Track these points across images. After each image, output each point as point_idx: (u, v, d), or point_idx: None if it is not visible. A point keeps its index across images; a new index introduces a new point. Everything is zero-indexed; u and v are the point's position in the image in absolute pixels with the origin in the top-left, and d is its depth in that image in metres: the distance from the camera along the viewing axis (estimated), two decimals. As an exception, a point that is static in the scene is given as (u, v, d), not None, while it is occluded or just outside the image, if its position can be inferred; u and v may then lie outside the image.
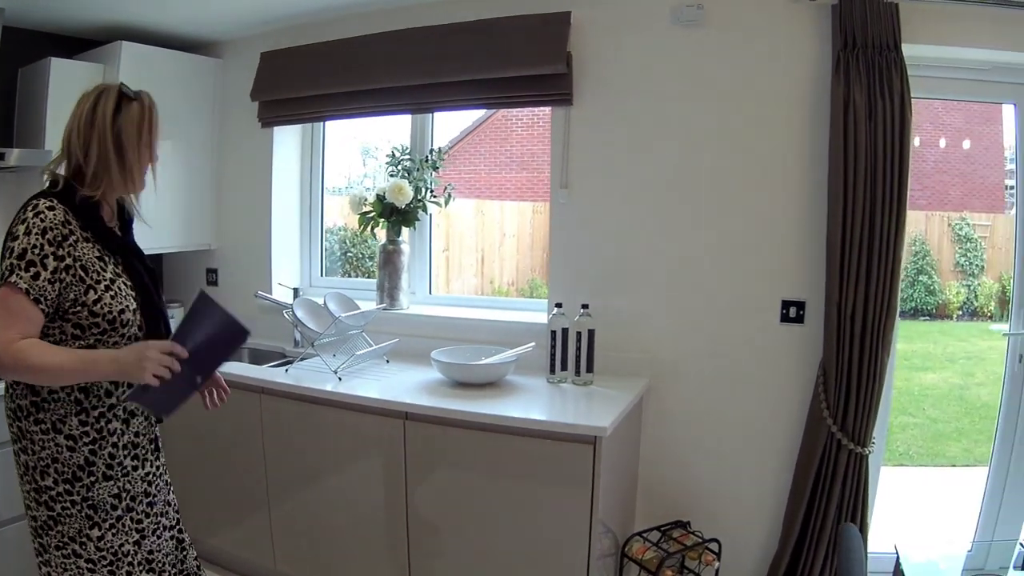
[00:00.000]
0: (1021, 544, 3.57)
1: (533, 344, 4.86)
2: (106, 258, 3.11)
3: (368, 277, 6.19)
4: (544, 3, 4.88)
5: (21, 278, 2.84)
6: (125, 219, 3.38)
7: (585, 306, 4.76)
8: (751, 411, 4.83)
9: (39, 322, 2.91)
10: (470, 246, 9.81)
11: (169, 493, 3.48)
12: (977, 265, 16.10)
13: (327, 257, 6.57)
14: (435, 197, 5.63)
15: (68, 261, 2.94)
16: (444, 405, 4.31)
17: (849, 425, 4.44)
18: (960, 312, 16.25)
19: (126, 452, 3.19)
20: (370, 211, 5.60)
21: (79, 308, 2.99)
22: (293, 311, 5.16)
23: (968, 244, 16.30)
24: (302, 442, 4.79)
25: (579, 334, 4.71)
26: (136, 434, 3.24)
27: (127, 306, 3.08)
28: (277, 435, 4.87)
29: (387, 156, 5.69)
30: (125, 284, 3.14)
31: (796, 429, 4.69)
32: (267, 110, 5.89)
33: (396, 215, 5.52)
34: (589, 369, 4.72)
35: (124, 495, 3.19)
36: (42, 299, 2.87)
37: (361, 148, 6.93)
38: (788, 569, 4.68)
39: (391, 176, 5.61)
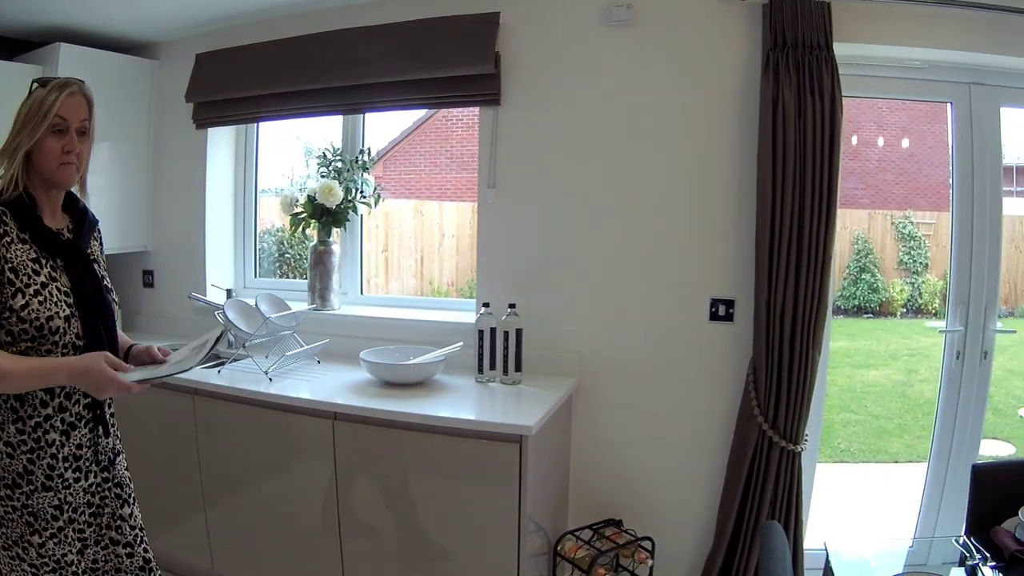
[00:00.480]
0: (956, 541, 3.57)
1: (461, 344, 4.87)
2: (43, 261, 2.99)
3: (304, 278, 6.18)
4: (474, 4, 4.89)
5: None
6: (86, 221, 3.28)
7: (512, 305, 4.78)
8: (682, 410, 4.86)
9: None
10: (409, 247, 9.80)
11: (123, 507, 3.32)
12: (921, 263, 16.29)
13: (266, 258, 6.56)
14: (365, 198, 5.63)
15: (2, 264, 2.85)
16: (371, 405, 4.32)
17: (780, 423, 4.47)
18: (904, 309, 16.44)
19: (67, 464, 3.06)
20: (301, 212, 5.60)
21: (8, 314, 2.87)
22: (224, 312, 5.12)
23: (912, 242, 16.48)
24: (236, 443, 4.78)
25: (506, 333, 4.72)
26: (78, 446, 3.09)
27: (56, 313, 2.94)
28: (210, 436, 4.85)
29: (317, 157, 5.71)
30: (59, 289, 3.00)
31: (728, 427, 4.72)
32: (201, 111, 5.87)
33: (326, 216, 5.53)
34: (517, 368, 4.73)
35: (66, 507, 3.07)
36: None
37: (304, 148, 6.91)
38: (723, 566, 4.71)
39: (322, 177, 5.61)
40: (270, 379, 4.80)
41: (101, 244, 3.47)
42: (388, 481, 4.37)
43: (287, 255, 7.42)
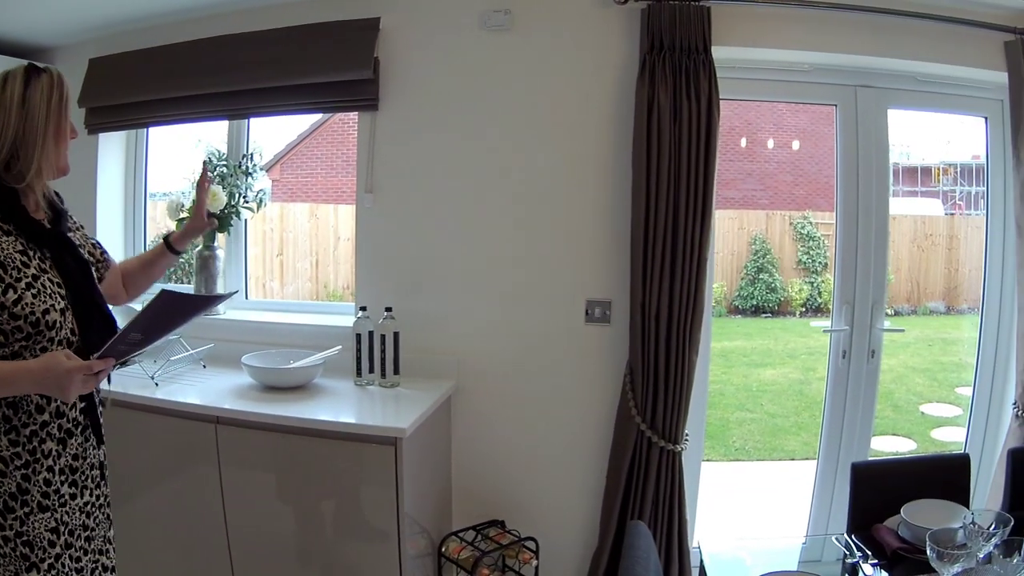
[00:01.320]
0: (837, 539, 3.63)
1: (340, 347, 4.89)
2: (31, 252, 2.80)
3: (191, 282, 6.17)
4: (355, 10, 4.93)
5: None
6: (57, 210, 3.10)
7: (388, 309, 4.82)
8: (561, 411, 4.94)
9: None
10: (304, 250, 9.81)
11: (110, 529, 3.21)
12: (820, 263, 16.51)
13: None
14: (248, 203, 5.64)
15: None
16: (252, 409, 4.34)
17: (659, 423, 4.55)
18: (804, 309, 16.65)
19: (63, 478, 2.87)
20: (186, 216, 5.53)
21: None
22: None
23: (811, 242, 16.68)
24: (123, 448, 4.56)
25: (383, 337, 4.77)
26: (74, 456, 2.91)
27: (52, 305, 2.75)
28: None
29: (203, 162, 5.63)
30: (51, 281, 2.82)
31: (608, 427, 4.78)
32: (93, 116, 5.82)
33: None
34: (395, 371, 4.77)
35: (62, 528, 2.87)
36: None
37: (207, 151, 6.90)
38: (608, 565, 4.76)
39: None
40: (156, 384, 4.79)
41: (82, 229, 3.32)
42: (272, 485, 4.39)
43: (181, 260, 7.41)
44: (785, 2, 4.49)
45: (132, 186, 6.23)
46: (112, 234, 6.07)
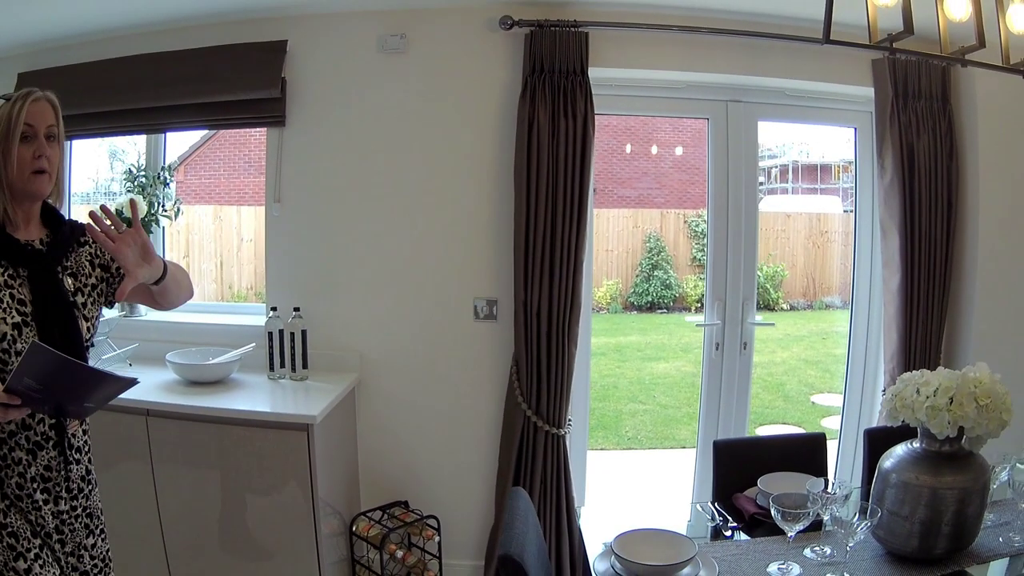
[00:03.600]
0: (701, 506, 3.95)
1: (253, 344, 5.18)
2: (0, 268, 2.80)
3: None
4: (264, 33, 5.19)
5: None
6: (61, 231, 3.02)
7: (296, 309, 5.13)
8: (455, 400, 5.32)
9: None
10: (209, 252, 9.95)
11: (88, 537, 3.13)
12: (714, 259, 16.70)
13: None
14: (166, 212, 5.87)
15: None
16: (179, 401, 4.62)
17: (544, 410, 4.96)
18: (699, 304, 16.52)
19: (35, 485, 2.87)
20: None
21: None
22: None
23: (705, 239, 16.42)
24: None
25: (292, 335, 5.08)
26: (47, 468, 2.89)
27: (2, 319, 2.73)
28: None
29: (123, 173, 5.93)
30: (12, 297, 2.79)
31: (498, 415, 5.19)
32: None
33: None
34: (304, 366, 5.09)
35: (38, 529, 2.90)
36: None
37: (109, 151, 7.10)
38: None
39: (128, 191, 5.84)
40: None
41: (93, 251, 3.16)
42: (200, 473, 4.64)
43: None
44: (657, 27, 4.89)
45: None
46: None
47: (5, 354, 2.74)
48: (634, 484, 8.76)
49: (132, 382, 2.88)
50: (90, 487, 3.15)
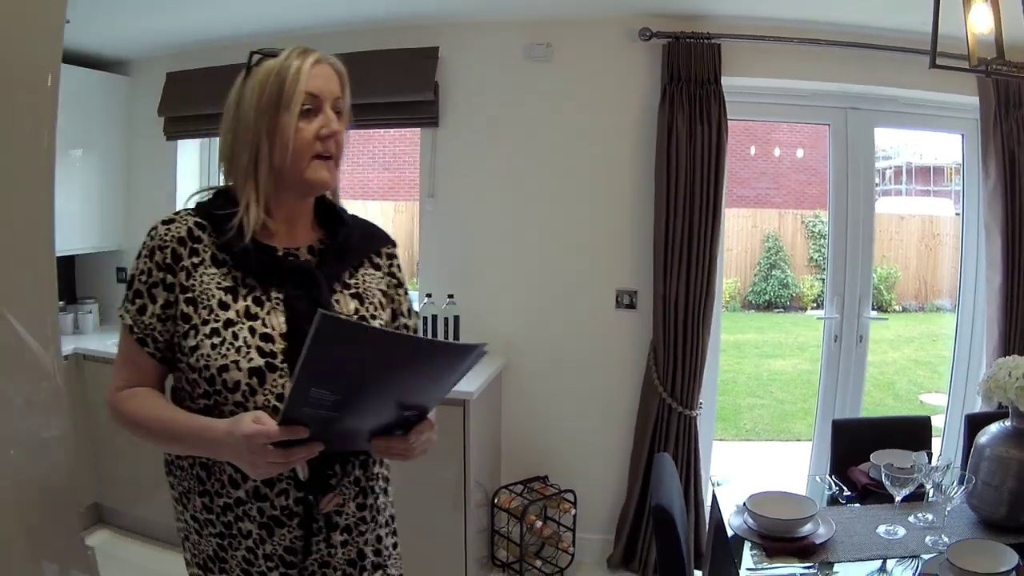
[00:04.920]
0: (820, 478, 4.24)
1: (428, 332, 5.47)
2: (241, 291, 2.17)
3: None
4: (417, 40, 5.54)
5: (128, 311, 2.18)
6: (344, 238, 2.38)
7: (451, 296, 5.51)
8: (594, 383, 5.62)
9: (151, 368, 2.21)
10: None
11: None
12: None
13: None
14: None
15: (177, 291, 2.14)
16: None
17: (677, 392, 5.29)
18: (815, 304, 16.81)
19: (271, 565, 2.20)
20: None
21: (181, 357, 2.17)
22: None
23: (822, 240, 16.48)
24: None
25: (447, 319, 5.46)
26: (288, 550, 2.20)
27: (235, 363, 2.09)
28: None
29: None
30: (253, 332, 2.13)
31: (634, 397, 5.48)
32: (171, 125, 6.37)
33: None
34: (457, 348, 5.41)
35: None
36: (148, 339, 2.17)
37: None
38: (635, 515, 5.47)
39: None
40: None
41: (389, 272, 2.51)
42: None
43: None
44: (783, 39, 5.19)
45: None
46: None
47: (240, 408, 2.08)
48: (754, 468, 9.03)
49: (478, 350, 2.00)
50: (365, 573, 2.37)
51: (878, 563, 3.21)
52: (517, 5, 5.30)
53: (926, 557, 3.17)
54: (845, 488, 4.03)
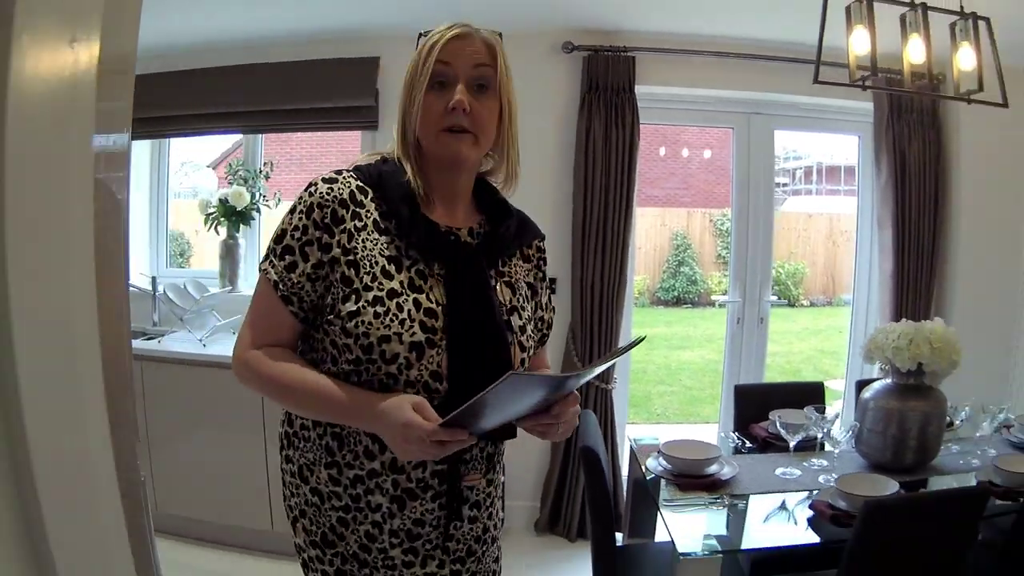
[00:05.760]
0: (725, 433, 4.89)
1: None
2: (404, 262, 2.15)
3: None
4: (360, 50, 5.98)
5: (273, 266, 2.13)
6: (505, 228, 2.39)
7: None
8: None
9: (289, 328, 2.17)
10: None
11: None
12: (739, 257, 17.25)
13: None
14: (266, 201, 6.61)
15: (336, 252, 2.10)
16: None
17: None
18: (724, 298, 17.14)
19: (396, 540, 2.19)
20: (214, 212, 6.47)
21: (332, 319, 2.12)
22: (166, 293, 5.99)
23: (729, 237, 16.63)
24: (176, 400, 5.44)
25: None
26: (418, 523, 2.19)
27: (398, 335, 2.05)
28: (156, 396, 5.41)
29: (226, 168, 6.66)
30: (417, 305, 2.10)
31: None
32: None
33: (235, 216, 6.44)
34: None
35: None
36: (294, 298, 2.12)
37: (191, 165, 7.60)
38: (559, 481, 5.95)
39: (231, 184, 6.52)
40: (204, 344, 5.61)
41: (537, 265, 2.57)
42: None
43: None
44: (692, 51, 5.76)
45: (156, 186, 7.04)
46: (139, 226, 6.89)
47: (391, 380, 2.07)
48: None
49: (633, 344, 2.27)
50: (485, 547, 2.37)
51: (779, 499, 3.80)
52: (451, 18, 5.48)
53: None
54: (747, 441, 4.58)
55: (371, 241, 2.13)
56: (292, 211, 2.17)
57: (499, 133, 2.33)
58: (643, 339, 2.33)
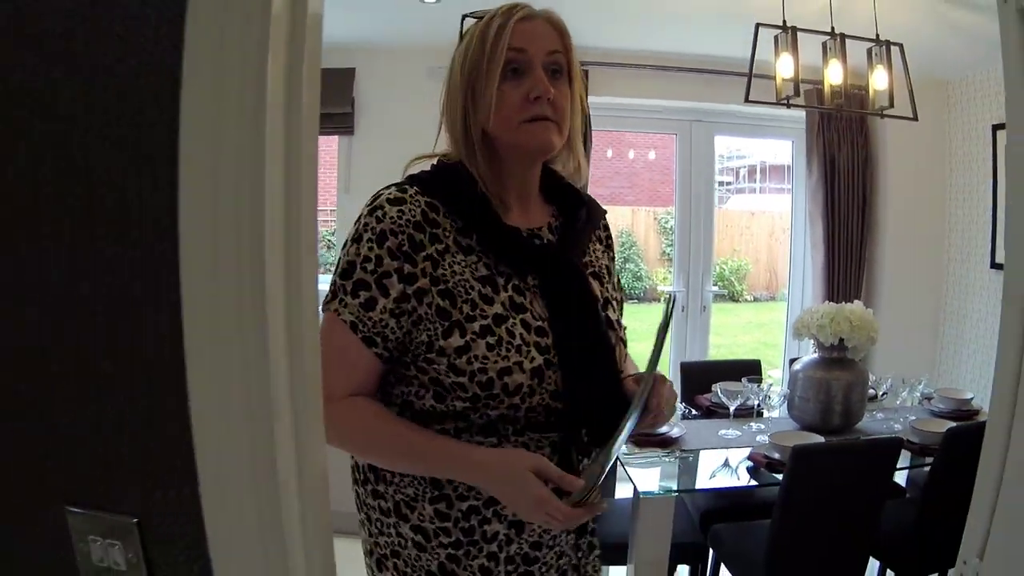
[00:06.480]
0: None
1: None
2: (499, 280, 1.96)
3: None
4: (338, 61, 6.38)
5: (346, 306, 1.90)
6: (579, 215, 2.17)
7: None
8: None
9: (371, 373, 1.96)
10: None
11: None
12: (683, 253, 17.68)
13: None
14: None
15: (422, 282, 1.88)
16: None
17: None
18: (669, 289, 17.59)
19: (511, 568, 2.04)
20: None
21: (434, 357, 1.90)
22: None
23: (674, 235, 17.01)
24: None
25: None
26: (535, 545, 2.05)
27: (519, 363, 1.88)
28: None
29: None
30: (527, 326, 1.93)
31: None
32: None
33: None
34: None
35: None
36: (378, 338, 1.90)
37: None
38: None
39: None
40: None
41: (607, 244, 2.37)
42: None
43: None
44: (640, 65, 6.31)
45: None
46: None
47: (513, 410, 1.91)
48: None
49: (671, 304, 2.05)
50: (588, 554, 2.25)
51: (723, 455, 4.37)
52: (421, 34, 6.06)
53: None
54: (693, 410, 5.08)
55: (458, 264, 1.92)
56: (358, 240, 1.91)
57: (571, 118, 2.09)
58: (671, 302, 2.11)
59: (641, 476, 4.08)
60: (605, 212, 2.34)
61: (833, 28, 4.71)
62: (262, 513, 1.28)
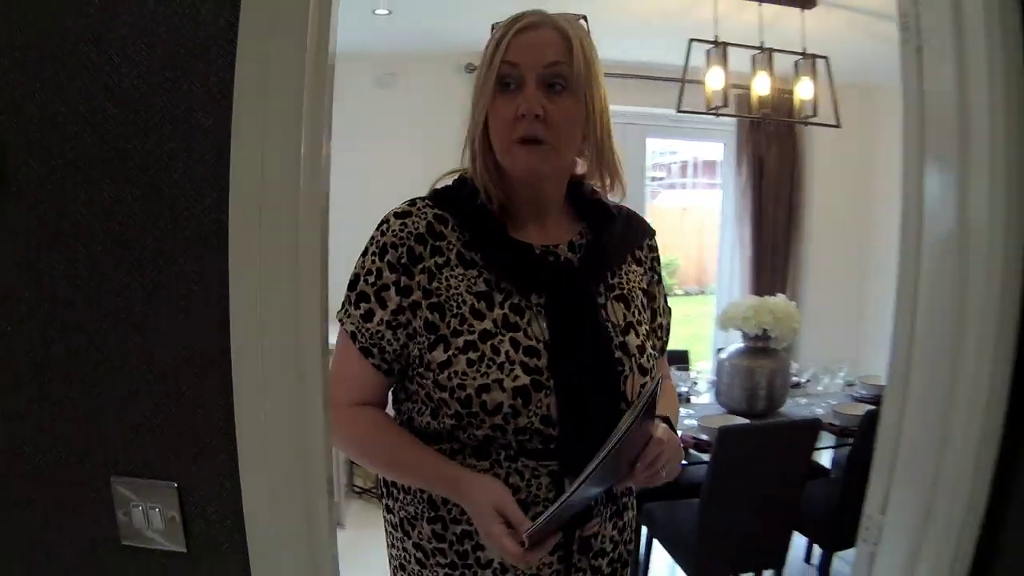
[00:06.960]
0: None
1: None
2: (496, 296, 1.90)
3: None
4: None
5: (350, 316, 1.94)
6: (611, 233, 2.08)
7: None
8: None
9: (374, 383, 1.98)
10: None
11: None
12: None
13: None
14: None
15: (416, 295, 1.88)
16: None
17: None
18: None
19: None
20: None
21: (423, 371, 1.91)
22: None
23: None
24: None
25: None
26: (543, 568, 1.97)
27: (498, 381, 1.81)
28: None
29: None
30: (515, 345, 1.85)
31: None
32: None
33: None
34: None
35: None
36: (375, 349, 1.92)
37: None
38: None
39: None
40: None
41: (651, 266, 2.22)
42: None
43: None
44: None
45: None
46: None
47: (498, 431, 1.84)
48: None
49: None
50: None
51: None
52: (367, 41, 6.34)
53: (688, 433, 4.64)
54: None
55: (455, 278, 1.88)
56: (364, 253, 1.94)
57: (589, 132, 1.99)
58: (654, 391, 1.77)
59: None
60: (654, 233, 2.23)
61: (763, 42, 5.03)
62: (291, 477, 1.47)
